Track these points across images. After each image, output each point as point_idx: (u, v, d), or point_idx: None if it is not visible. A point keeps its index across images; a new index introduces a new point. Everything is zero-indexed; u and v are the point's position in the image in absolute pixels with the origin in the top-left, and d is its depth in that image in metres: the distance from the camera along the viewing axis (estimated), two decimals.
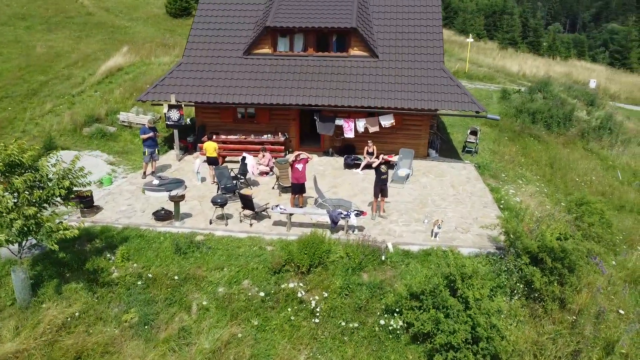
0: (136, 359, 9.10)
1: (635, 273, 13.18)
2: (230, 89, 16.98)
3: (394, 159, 16.53)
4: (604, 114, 24.84)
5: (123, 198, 13.97)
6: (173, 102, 16.65)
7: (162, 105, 17.13)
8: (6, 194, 8.73)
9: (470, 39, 35.43)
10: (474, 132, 19.74)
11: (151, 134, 15.32)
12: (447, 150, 20.03)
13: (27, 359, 8.73)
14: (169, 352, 9.28)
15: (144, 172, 15.63)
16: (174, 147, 17.66)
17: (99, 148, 17.84)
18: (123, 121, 19.68)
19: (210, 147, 15.14)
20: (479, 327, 8.77)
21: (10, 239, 8.89)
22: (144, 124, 18.77)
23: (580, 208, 14.75)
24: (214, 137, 17.35)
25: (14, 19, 34.18)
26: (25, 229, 8.88)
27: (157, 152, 15.82)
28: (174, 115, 16.77)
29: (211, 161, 15.28)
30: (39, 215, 8.96)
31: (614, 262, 13.52)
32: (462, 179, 16.34)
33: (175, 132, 17.20)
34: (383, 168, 12.73)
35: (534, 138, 22.84)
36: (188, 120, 20.39)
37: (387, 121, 16.65)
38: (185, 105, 17.11)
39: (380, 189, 12.84)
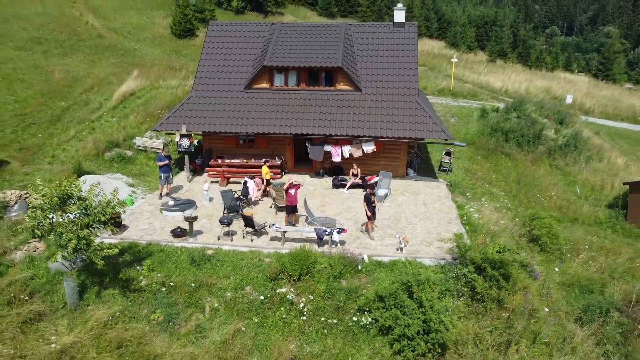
0: (163, 349, 11.68)
1: (574, 277, 15.79)
2: (233, 119, 19.62)
3: (375, 179, 19.17)
4: (570, 132, 27.40)
5: (144, 217, 16.58)
6: (184, 132, 19.30)
7: (174, 134, 19.74)
8: (64, 220, 11.35)
9: (455, 59, 38.00)
10: (448, 153, 22.37)
11: (166, 161, 17.95)
12: (425, 169, 22.64)
13: (80, 349, 11.32)
14: (188, 343, 11.87)
15: (160, 194, 18.25)
16: (185, 169, 20.30)
17: (119, 171, 20.47)
18: (139, 146, 22.31)
19: (265, 171, 18.42)
20: (430, 322, 11.37)
21: (67, 256, 11.52)
22: (158, 148, 21.57)
23: (533, 222, 17.45)
24: (220, 160, 20.06)
25: (31, 43, 36.81)
26: (78, 247, 11.50)
27: (171, 176, 18.45)
28: (185, 142, 19.42)
29: (267, 182, 18.46)
30: (88, 237, 11.57)
31: (556, 269, 16.13)
32: (434, 197, 18.95)
33: (186, 157, 19.85)
34: (373, 198, 15.28)
35: (506, 156, 25.42)
36: (195, 142, 23.01)
37: (368, 147, 19.28)
38: (194, 134, 19.76)
39: (370, 203, 15.35)
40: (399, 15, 21.45)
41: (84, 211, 11.93)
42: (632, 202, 20.07)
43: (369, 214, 15.19)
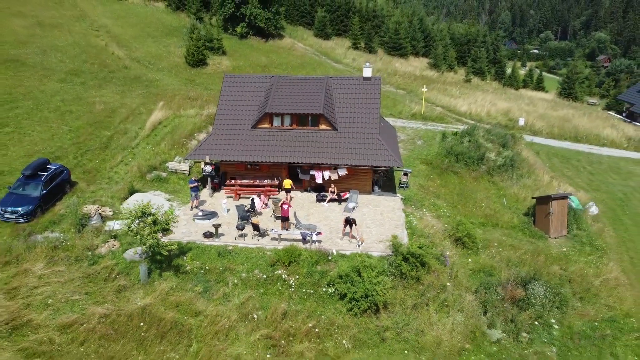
0: (203, 308, 18.66)
1: (482, 265, 22.84)
2: (243, 151, 26.66)
3: (347, 195, 26.27)
4: (509, 154, 34.40)
5: (182, 224, 23.61)
6: (207, 160, 26.38)
7: (200, 162, 26.82)
8: (145, 227, 18.45)
9: (424, 89, 45.00)
10: (405, 174, 29.36)
11: (196, 184, 25.01)
12: (389, 186, 29.60)
13: (153, 307, 18.35)
14: (219, 305, 18.88)
15: (191, 207, 25.31)
16: (207, 187, 27.37)
17: (159, 189, 27.51)
18: (171, 169, 29.35)
19: (287, 183, 25.63)
20: (368, 289, 18.40)
21: (146, 250, 18.62)
22: (185, 170, 28.67)
23: (458, 227, 24.51)
24: (233, 181, 27.11)
25: (70, 76, 43.91)
26: (152, 245, 18.58)
27: (198, 193, 25.50)
28: (208, 168, 26.50)
29: (287, 190, 25.73)
30: (158, 238, 18.65)
31: (469, 260, 23.19)
32: (390, 208, 25.98)
33: (209, 179, 26.94)
34: (350, 222, 22.17)
35: (454, 174, 32.41)
36: (213, 162, 30.01)
37: (342, 172, 26.31)
38: (214, 162, 26.85)
39: (349, 224, 22.25)
40: (367, 72, 28.53)
41: (154, 221, 19.02)
42: (538, 212, 27.13)
43: (343, 227, 22.25)
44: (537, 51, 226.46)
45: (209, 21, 67.98)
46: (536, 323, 19.31)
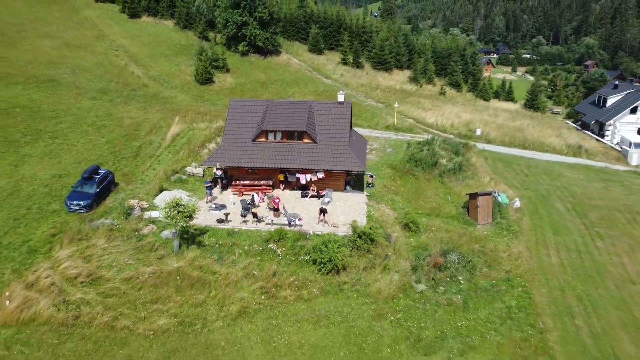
0: (218, 269, 27.00)
1: (421, 243, 31.21)
2: (245, 159, 35.06)
3: (324, 192, 34.68)
4: (459, 160, 42.75)
5: (200, 214, 31.92)
6: (218, 166, 34.79)
7: (212, 167, 35.27)
8: (178, 214, 26.86)
9: (397, 104, 53.32)
10: (371, 176, 37.76)
11: (210, 184, 33.43)
12: (359, 185, 37.98)
13: (184, 268, 26.67)
14: (229, 267, 27.23)
15: (206, 201, 33.69)
16: (217, 186, 35.76)
17: (181, 188, 35.87)
18: (189, 173, 37.76)
19: (281, 176, 34.05)
20: (332, 256, 26.78)
21: (178, 230, 27.04)
22: (200, 174, 37.07)
23: (406, 216, 32.93)
24: (238, 182, 35.51)
25: (99, 94, 52.31)
26: (184, 226, 26.99)
27: (212, 191, 33.89)
28: (218, 172, 34.92)
29: (281, 182, 34.18)
30: (187, 221, 27.07)
31: (411, 240, 31.59)
32: (356, 202, 34.37)
33: (219, 180, 35.36)
34: (323, 211, 30.54)
35: (413, 176, 40.80)
36: (222, 167, 38.33)
37: (320, 175, 34.69)
38: (223, 167, 35.28)
39: (323, 213, 30.64)
40: (340, 97, 36.97)
41: (185, 210, 27.43)
42: (470, 205, 35.51)
43: (318, 215, 30.64)
44: (528, 56, 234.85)
45: (214, 40, 76.39)
46: (449, 279, 27.70)
